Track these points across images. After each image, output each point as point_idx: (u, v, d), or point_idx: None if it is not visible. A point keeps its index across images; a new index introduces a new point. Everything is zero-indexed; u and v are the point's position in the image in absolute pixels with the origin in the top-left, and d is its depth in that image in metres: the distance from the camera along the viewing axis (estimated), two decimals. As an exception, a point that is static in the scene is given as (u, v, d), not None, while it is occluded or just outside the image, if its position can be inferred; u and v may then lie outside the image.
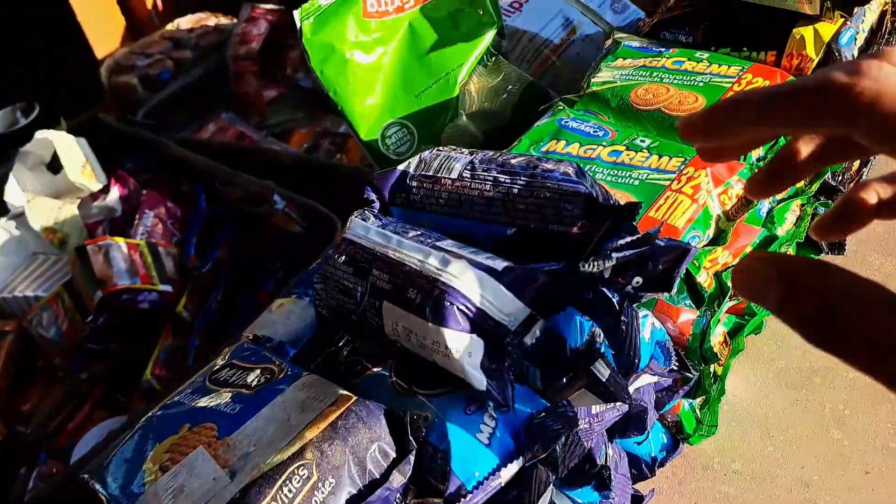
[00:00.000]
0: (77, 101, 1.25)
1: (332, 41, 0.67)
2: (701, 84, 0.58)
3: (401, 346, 0.42)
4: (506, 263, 0.39)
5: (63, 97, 1.26)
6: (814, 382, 0.67)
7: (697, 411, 0.61)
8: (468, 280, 0.38)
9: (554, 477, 0.42)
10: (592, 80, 0.63)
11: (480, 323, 0.38)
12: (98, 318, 0.72)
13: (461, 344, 0.37)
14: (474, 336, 0.38)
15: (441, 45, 0.70)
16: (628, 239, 0.40)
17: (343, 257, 0.44)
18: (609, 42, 0.69)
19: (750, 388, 0.67)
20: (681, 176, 0.51)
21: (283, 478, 0.39)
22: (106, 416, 0.73)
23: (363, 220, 0.45)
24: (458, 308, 0.37)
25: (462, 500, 0.37)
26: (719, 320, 0.57)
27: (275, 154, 0.91)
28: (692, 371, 0.51)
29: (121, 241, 0.76)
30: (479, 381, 0.37)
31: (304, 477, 0.39)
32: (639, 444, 0.52)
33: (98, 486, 0.43)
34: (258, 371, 0.47)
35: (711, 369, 0.56)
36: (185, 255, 0.80)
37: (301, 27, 0.67)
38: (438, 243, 0.41)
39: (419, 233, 0.44)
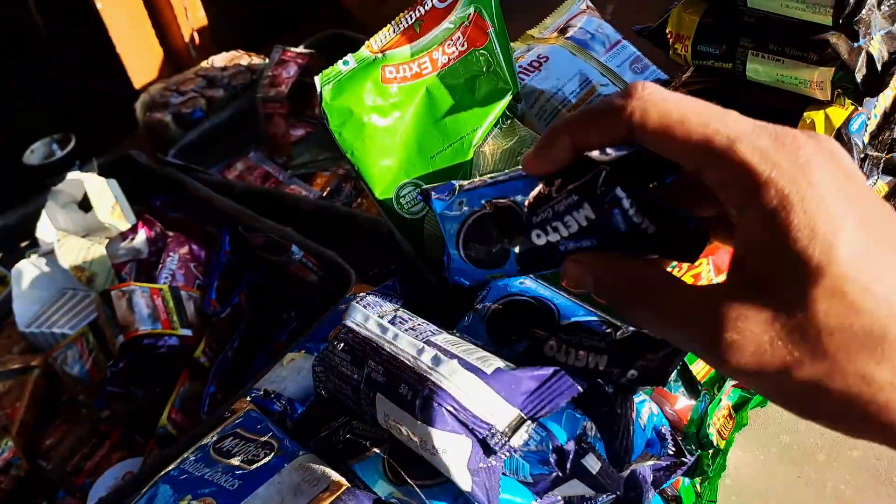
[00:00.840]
0: (112, 131, 1.30)
1: (350, 105, 0.69)
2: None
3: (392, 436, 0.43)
4: (497, 366, 0.40)
5: (99, 126, 1.31)
6: (817, 459, 0.67)
7: (697, 486, 0.61)
8: (458, 381, 0.39)
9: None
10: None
11: (468, 424, 0.39)
12: (119, 362, 0.75)
13: (447, 444, 0.39)
14: (462, 436, 0.39)
15: (457, 110, 0.71)
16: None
17: (342, 344, 0.45)
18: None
19: (752, 463, 0.67)
20: (681, 264, 0.52)
21: None
22: (124, 456, 0.76)
23: (364, 306, 0.47)
24: (446, 409, 0.39)
25: None
26: (720, 402, 0.58)
27: (297, 201, 0.93)
28: (688, 456, 0.51)
29: (146, 286, 0.79)
30: (465, 482, 0.39)
31: None
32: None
33: None
34: (260, 445, 0.49)
35: (710, 452, 0.56)
36: (206, 300, 0.83)
37: (321, 91, 0.69)
38: (433, 338, 0.43)
39: (417, 323, 0.45)
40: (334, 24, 1.28)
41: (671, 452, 0.51)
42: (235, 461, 0.48)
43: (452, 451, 0.39)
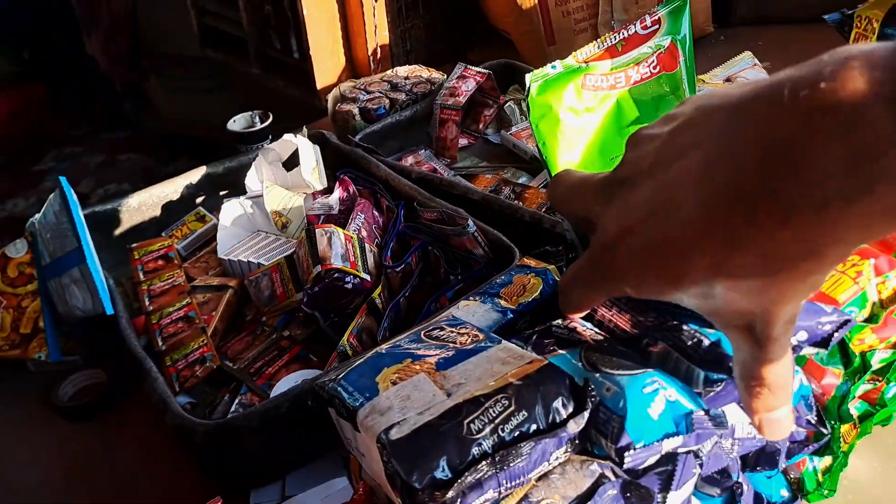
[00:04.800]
0: (298, 118, 1.48)
1: (551, 103, 0.82)
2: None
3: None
4: None
5: (287, 113, 1.49)
6: (935, 477, 0.72)
7: (819, 475, 0.68)
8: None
9: (699, 471, 0.52)
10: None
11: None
12: (314, 287, 0.88)
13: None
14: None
15: (640, 122, 0.83)
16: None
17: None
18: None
19: (870, 471, 0.73)
20: (846, 260, 0.61)
21: (489, 403, 0.51)
22: (300, 368, 0.88)
23: None
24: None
25: (628, 452, 0.48)
26: (855, 395, 0.65)
27: (466, 189, 1.06)
28: (827, 427, 0.59)
29: (341, 231, 0.93)
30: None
31: (504, 405, 0.51)
32: (769, 477, 0.60)
33: (336, 387, 0.56)
34: (465, 334, 0.60)
35: (842, 432, 0.63)
36: (382, 256, 0.96)
37: (530, 86, 0.82)
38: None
39: None
40: (500, 56, 1.43)
41: (812, 422, 0.59)
42: (447, 343, 0.59)
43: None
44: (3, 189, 2.39)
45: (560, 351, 0.56)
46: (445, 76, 1.33)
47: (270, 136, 1.29)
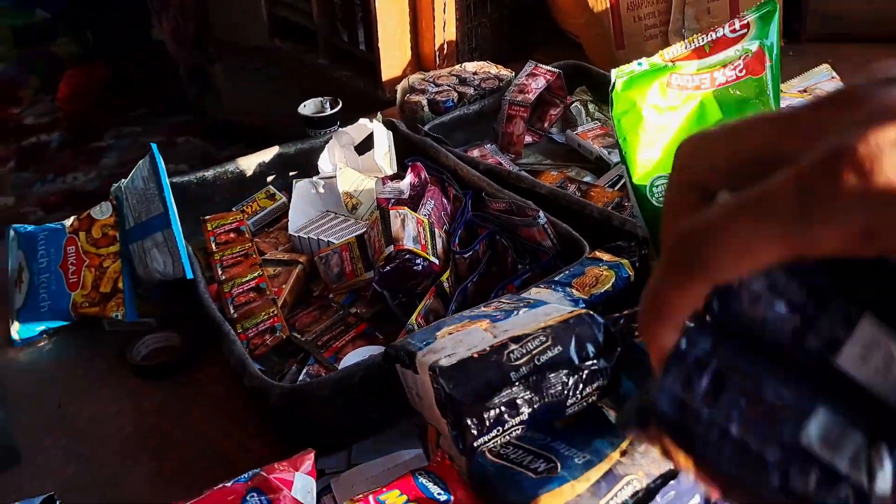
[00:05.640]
0: (361, 108, 1.51)
1: (635, 99, 0.83)
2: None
3: None
4: None
5: (351, 103, 1.52)
6: None
7: None
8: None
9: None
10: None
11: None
12: (386, 266, 0.90)
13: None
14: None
15: (722, 124, 0.84)
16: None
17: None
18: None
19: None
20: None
21: (528, 338, 0.56)
22: (366, 344, 0.90)
23: None
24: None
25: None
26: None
27: (533, 183, 1.07)
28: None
29: (414, 214, 0.94)
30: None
31: (541, 341, 0.56)
32: None
33: (402, 342, 0.61)
34: (515, 302, 0.64)
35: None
36: (451, 242, 0.98)
37: (615, 81, 0.83)
38: None
39: None
40: (563, 58, 1.43)
41: None
42: (504, 310, 0.63)
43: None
44: (65, 163, 2.46)
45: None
46: (513, 73, 1.35)
47: (339, 123, 1.32)
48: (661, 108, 0.83)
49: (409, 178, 1.04)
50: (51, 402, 0.89)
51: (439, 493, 0.54)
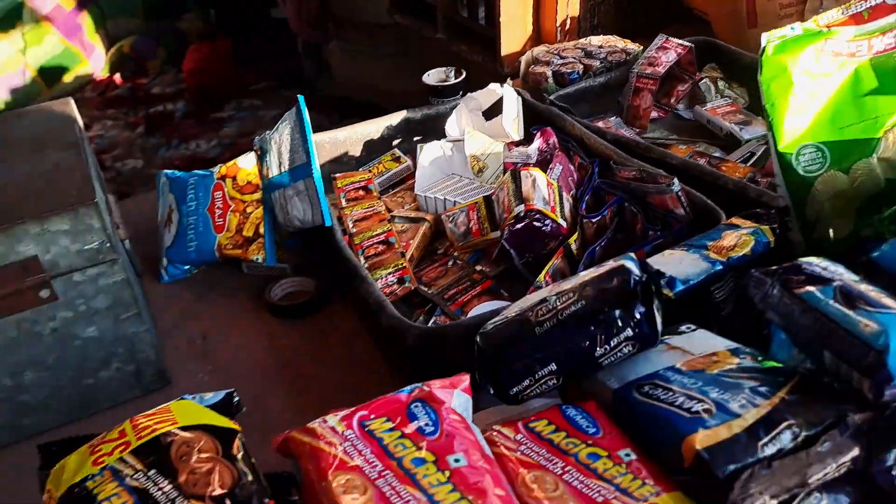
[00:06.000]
0: (478, 83, 1.52)
1: (786, 64, 0.80)
2: None
3: None
4: None
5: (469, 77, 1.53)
6: None
7: None
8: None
9: None
10: None
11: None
12: (515, 225, 0.91)
13: None
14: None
15: (879, 92, 0.80)
16: None
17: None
18: None
19: None
20: None
21: (560, 294, 0.63)
22: (491, 300, 0.92)
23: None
24: None
25: (888, 385, 0.49)
26: None
27: (663, 154, 1.06)
28: None
29: (545, 176, 0.95)
30: None
31: (568, 297, 0.62)
32: None
33: None
34: None
35: None
36: (578, 207, 0.98)
37: (766, 45, 0.81)
38: None
39: None
40: (689, 36, 1.40)
41: None
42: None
43: None
44: (189, 131, 2.61)
45: (810, 287, 0.56)
46: (641, 48, 1.33)
47: (462, 92, 1.34)
48: (813, 75, 0.81)
49: (538, 143, 1.05)
50: (196, 334, 0.96)
51: (587, 426, 0.55)
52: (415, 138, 1.26)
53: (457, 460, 0.47)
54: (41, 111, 1.00)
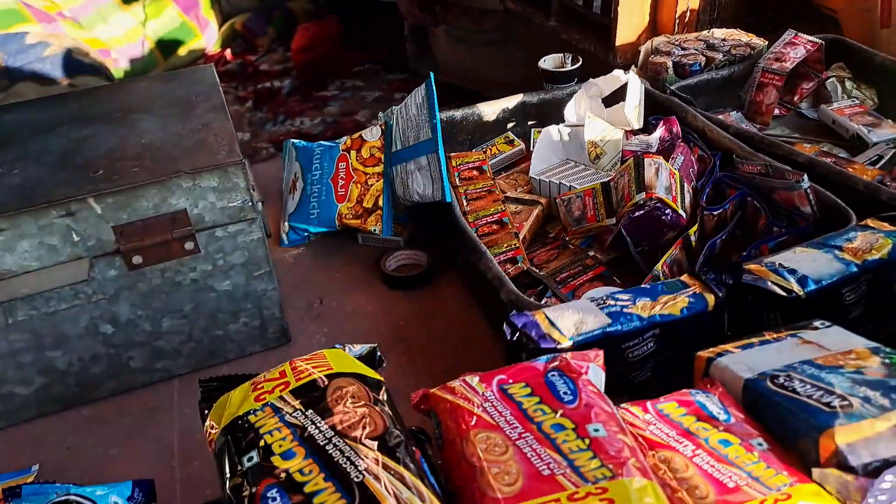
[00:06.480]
0: (588, 73, 1.52)
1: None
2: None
3: None
4: None
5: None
6: None
7: None
8: None
9: None
10: None
11: None
12: (635, 212, 0.91)
13: None
14: None
15: None
16: None
17: None
18: None
19: None
20: None
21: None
22: (602, 286, 0.93)
23: None
24: None
25: None
26: None
27: (790, 151, 1.03)
28: None
29: (668, 165, 0.95)
30: None
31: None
32: None
33: None
34: None
35: None
36: (699, 199, 0.97)
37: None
38: None
39: None
40: (814, 32, 1.34)
41: None
42: None
43: None
44: (294, 108, 2.70)
45: None
46: (766, 42, 1.29)
47: (577, 79, 1.34)
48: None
49: (660, 132, 1.04)
50: (314, 296, 1.00)
51: (718, 412, 0.55)
52: (529, 122, 1.27)
53: (596, 430, 0.48)
54: (189, 74, 1.06)
